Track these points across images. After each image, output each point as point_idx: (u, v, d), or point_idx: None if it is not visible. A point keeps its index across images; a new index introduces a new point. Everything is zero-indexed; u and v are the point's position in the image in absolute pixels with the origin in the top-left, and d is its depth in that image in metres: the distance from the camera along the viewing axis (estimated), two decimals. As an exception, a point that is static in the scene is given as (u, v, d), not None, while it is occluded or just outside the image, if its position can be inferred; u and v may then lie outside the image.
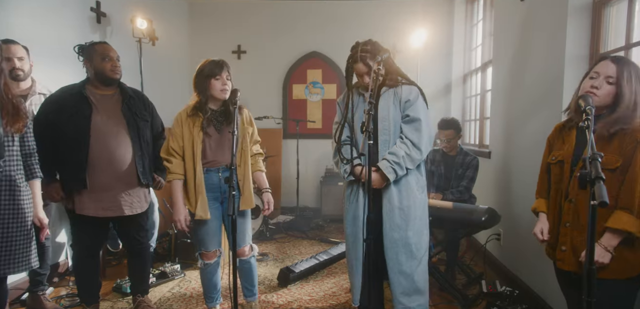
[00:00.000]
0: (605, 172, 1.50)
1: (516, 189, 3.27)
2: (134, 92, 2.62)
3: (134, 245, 2.67)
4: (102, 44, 2.45)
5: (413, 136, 2.20)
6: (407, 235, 2.22)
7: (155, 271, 3.40)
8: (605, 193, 1.03)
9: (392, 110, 2.25)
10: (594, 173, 1.09)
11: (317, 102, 5.91)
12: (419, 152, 2.20)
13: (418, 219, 2.27)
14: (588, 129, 1.29)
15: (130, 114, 2.49)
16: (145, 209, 2.62)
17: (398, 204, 2.23)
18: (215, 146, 2.40)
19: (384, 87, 2.30)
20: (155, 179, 2.69)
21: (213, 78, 2.34)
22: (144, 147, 2.53)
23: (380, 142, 2.27)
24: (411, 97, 2.23)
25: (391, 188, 2.23)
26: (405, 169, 2.18)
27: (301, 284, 3.39)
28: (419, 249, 2.27)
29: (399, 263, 2.24)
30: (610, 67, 1.56)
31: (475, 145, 4.63)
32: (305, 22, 5.80)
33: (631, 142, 1.52)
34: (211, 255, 2.51)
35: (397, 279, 2.24)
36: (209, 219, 2.41)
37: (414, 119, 2.21)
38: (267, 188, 2.60)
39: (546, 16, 2.79)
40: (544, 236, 1.76)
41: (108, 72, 2.42)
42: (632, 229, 1.49)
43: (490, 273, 3.60)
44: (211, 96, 2.37)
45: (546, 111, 2.75)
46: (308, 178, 5.86)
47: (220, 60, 2.39)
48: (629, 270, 1.56)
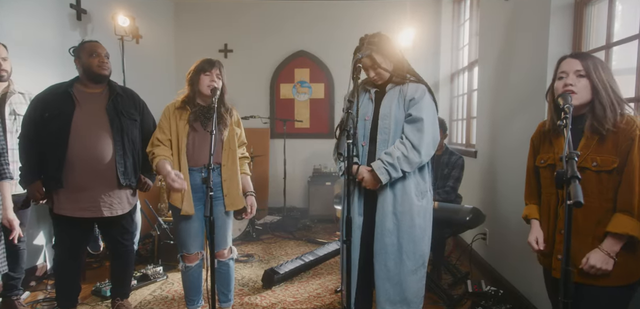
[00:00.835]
0: (602, 175, 1.47)
1: (501, 189, 3.27)
2: (123, 90, 2.56)
3: (117, 248, 2.61)
4: (90, 42, 2.45)
5: (413, 136, 2.04)
6: (398, 241, 2.09)
7: (136, 273, 3.32)
8: (580, 193, 1.00)
9: (395, 108, 2.11)
10: (570, 172, 1.06)
11: (304, 101, 5.87)
12: (418, 155, 2.03)
13: (416, 227, 2.11)
14: (566, 127, 1.27)
15: (114, 112, 2.43)
16: (128, 211, 2.55)
17: (392, 209, 2.10)
18: (199, 143, 2.35)
19: (389, 85, 2.18)
20: (141, 181, 2.62)
21: (203, 73, 2.33)
22: (127, 147, 2.46)
23: (379, 141, 2.13)
24: (416, 96, 2.09)
25: (386, 191, 2.10)
26: (400, 171, 2.03)
27: (286, 285, 3.35)
28: (414, 258, 2.12)
29: (386, 269, 2.11)
30: (574, 62, 1.52)
31: (462, 144, 4.63)
32: (292, 21, 5.75)
33: (626, 140, 1.46)
34: (193, 257, 2.46)
35: (382, 286, 2.12)
36: (192, 221, 2.36)
37: (416, 119, 2.06)
38: (251, 192, 2.55)
39: (530, 16, 2.79)
40: (539, 245, 1.66)
41: (95, 68, 2.37)
42: (635, 232, 1.41)
43: (476, 272, 3.59)
44: (199, 92, 2.34)
45: (530, 110, 2.74)
46: (295, 178, 5.81)
47: (214, 59, 2.39)
48: (628, 276, 1.50)
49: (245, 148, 2.63)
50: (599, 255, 1.46)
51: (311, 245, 4.45)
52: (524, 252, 2.84)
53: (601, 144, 1.50)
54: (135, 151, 2.52)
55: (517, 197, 2.94)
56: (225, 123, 2.41)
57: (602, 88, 1.49)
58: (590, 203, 1.49)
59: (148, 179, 2.65)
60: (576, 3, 2.47)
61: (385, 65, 2.13)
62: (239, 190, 2.47)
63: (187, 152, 2.34)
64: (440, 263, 3.48)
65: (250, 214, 2.51)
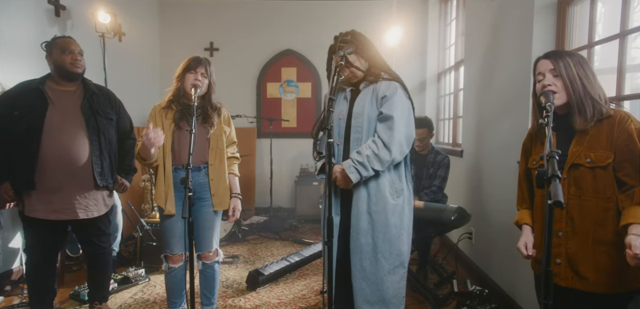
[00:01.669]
0: (597, 171, 1.43)
1: (487, 189, 3.27)
2: (98, 88, 2.49)
3: (94, 250, 2.54)
4: (63, 38, 2.37)
5: (384, 134, 2.03)
6: (374, 242, 2.07)
7: (117, 276, 3.25)
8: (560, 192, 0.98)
9: (368, 107, 2.10)
10: (551, 171, 1.04)
11: (291, 100, 5.82)
12: (388, 153, 2.02)
13: (391, 226, 2.09)
14: (547, 125, 1.25)
15: (90, 111, 2.36)
16: (105, 212, 2.49)
17: (366, 208, 2.08)
18: (185, 142, 2.30)
19: (363, 83, 2.16)
20: (118, 181, 2.55)
21: (188, 71, 2.29)
22: (104, 147, 2.40)
23: (352, 140, 2.12)
24: (388, 93, 2.07)
25: (361, 190, 2.08)
26: (371, 170, 2.02)
27: (270, 287, 3.30)
28: (390, 257, 2.10)
29: (362, 268, 2.09)
30: (546, 62, 1.51)
31: (449, 144, 4.64)
32: (279, 20, 5.71)
33: (622, 133, 1.42)
34: (176, 258, 2.40)
35: (359, 286, 2.10)
36: (175, 221, 2.32)
37: (387, 117, 2.04)
38: (237, 194, 2.50)
39: (514, 15, 2.79)
40: (528, 251, 1.60)
41: (67, 65, 2.30)
42: None
43: (462, 271, 3.59)
44: (185, 90, 2.30)
45: (515, 109, 2.74)
46: (282, 178, 5.77)
47: (201, 57, 2.36)
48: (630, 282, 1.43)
49: (236, 147, 2.58)
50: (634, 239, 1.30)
51: (297, 245, 4.41)
52: (509, 252, 2.84)
53: (595, 139, 1.46)
54: (112, 151, 2.45)
55: (502, 197, 2.95)
56: (211, 122, 2.36)
57: (572, 86, 1.47)
58: (586, 202, 1.46)
59: (125, 180, 2.58)
60: (559, 3, 2.48)
61: (358, 64, 2.12)
62: (227, 190, 2.43)
63: (173, 151, 2.30)
64: (426, 262, 3.47)
65: (234, 218, 2.46)
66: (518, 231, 1.73)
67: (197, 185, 2.34)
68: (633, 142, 1.39)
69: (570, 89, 1.48)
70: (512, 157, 2.73)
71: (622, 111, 1.48)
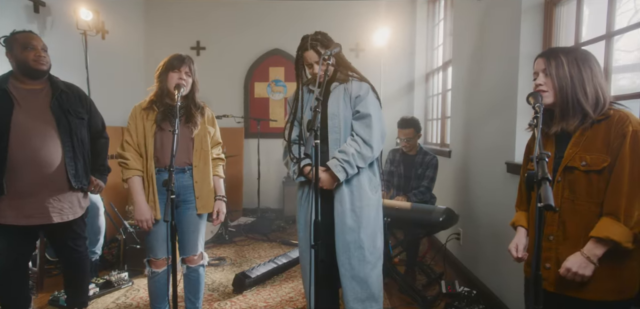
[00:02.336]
0: (591, 175, 1.37)
1: (475, 189, 3.27)
2: (67, 86, 2.38)
3: (70, 255, 2.43)
4: (23, 33, 2.23)
5: (364, 132, 2.08)
6: (359, 238, 2.11)
7: (99, 280, 3.16)
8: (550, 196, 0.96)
9: (343, 106, 2.14)
10: (541, 174, 1.02)
11: (279, 100, 5.77)
12: (370, 150, 2.08)
13: (372, 220, 2.15)
14: (536, 126, 1.23)
15: (60, 111, 2.26)
16: (80, 215, 2.40)
17: (350, 206, 2.12)
18: (168, 143, 2.23)
19: (334, 83, 2.19)
20: (93, 183, 2.47)
21: (171, 71, 2.22)
22: (77, 148, 2.31)
23: (331, 140, 2.14)
24: (361, 93, 2.13)
25: (343, 189, 2.11)
26: (356, 167, 2.06)
27: (257, 289, 3.25)
28: (373, 252, 2.15)
29: (351, 267, 2.11)
30: (541, 61, 1.50)
31: (437, 144, 4.64)
32: (267, 19, 5.65)
33: (617, 137, 1.35)
34: (160, 263, 2.33)
35: (349, 285, 2.11)
36: (159, 224, 2.25)
37: (364, 115, 2.10)
38: (221, 196, 2.44)
39: (501, 16, 2.79)
40: (518, 252, 1.56)
41: (30, 62, 2.18)
42: (619, 238, 1.29)
43: (450, 272, 3.59)
44: (167, 90, 2.23)
45: (503, 110, 2.74)
46: (270, 179, 5.71)
47: (184, 55, 2.28)
48: (623, 290, 1.38)
49: (220, 148, 2.52)
50: (577, 258, 1.35)
51: (285, 247, 4.36)
52: (496, 253, 2.84)
53: (591, 142, 1.40)
54: (85, 152, 2.37)
55: (490, 198, 2.95)
56: (195, 122, 2.30)
57: (560, 86, 1.43)
58: (579, 206, 1.41)
59: (100, 181, 2.50)
60: (546, 3, 2.48)
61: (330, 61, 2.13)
62: (211, 192, 2.37)
63: (155, 153, 2.23)
64: (414, 263, 3.46)
65: (218, 221, 2.40)
66: (506, 232, 1.72)
67: (181, 187, 2.29)
68: (625, 145, 1.33)
69: (557, 91, 1.45)
70: (500, 158, 2.73)
71: (622, 111, 1.40)
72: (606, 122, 1.39)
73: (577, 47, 1.53)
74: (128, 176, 2.21)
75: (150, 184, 2.23)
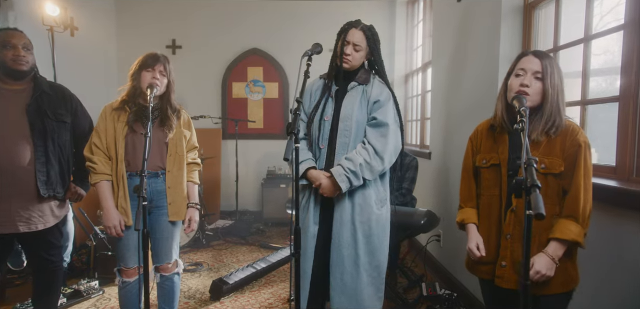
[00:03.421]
0: (549, 177, 1.46)
1: (455, 190, 3.26)
2: (52, 87, 2.24)
3: (43, 265, 2.28)
4: (5, 30, 2.10)
5: (377, 142, 1.91)
6: (357, 254, 1.96)
7: (67, 289, 3.00)
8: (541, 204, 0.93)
9: (357, 110, 1.97)
10: (530, 181, 0.99)
11: (258, 101, 5.67)
12: (380, 162, 1.92)
13: (375, 237, 2.00)
14: (523, 131, 1.20)
15: (36, 113, 2.11)
16: (53, 224, 2.25)
17: (350, 219, 1.96)
18: (140, 147, 2.12)
19: (352, 83, 2.04)
20: (72, 190, 2.32)
21: (145, 70, 2.10)
22: (52, 153, 2.16)
23: (338, 144, 1.98)
24: (382, 98, 1.97)
25: (345, 200, 1.96)
26: (361, 179, 1.90)
27: (235, 296, 3.16)
28: (371, 270, 2.00)
29: (342, 282, 1.98)
30: (535, 61, 1.49)
31: (417, 145, 4.65)
32: (245, 18, 5.54)
33: (572, 145, 1.45)
34: (131, 272, 2.21)
35: (338, 299, 1.99)
36: (130, 232, 2.13)
37: (381, 124, 1.93)
38: (195, 203, 2.32)
39: (481, 18, 2.79)
40: (481, 252, 1.58)
41: (8, 62, 2.05)
42: (580, 239, 1.41)
43: (430, 274, 3.59)
44: (141, 89, 2.12)
45: (483, 112, 2.74)
46: (249, 180, 5.60)
47: (159, 54, 2.17)
48: (569, 283, 1.48)
49: (196, 153, 2.41)
50: (544, 260, 1.43)
51: (264, 251, 4.27)
52: (476, 254, 2.84)
53: (550, 147, 1.48)
54: (64, 157, 2.22)
55: (469, 199, 2.95)
56: (170, 125, 2.19)
57: (551, 94, 1.47)
58: None
59: (80, 189, 2.35)
60: (525, 6, 2.49)
61: (363, 51, 2.03)
62: (184, 199, 2.26)
63: (126, 157, 2.11)
64: (395, 266, 3.43)
65: (189, 230, 2.29)
66: None
67: (154, 192, 2.18)
68: (580, 155, 1.44)
69: (549, 97, 1.47)
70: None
71: (573, 123, 1.51)
72: (562, 131, 1.49)
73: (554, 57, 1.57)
74: (95, 181, 2.09)
75: (120, 187, 2.11)
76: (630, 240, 1.63)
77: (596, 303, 1.79)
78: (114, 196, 2.12)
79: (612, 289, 1.72)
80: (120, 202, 2.11)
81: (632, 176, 1.73)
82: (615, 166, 1.81)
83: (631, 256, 1.63)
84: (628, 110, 1.74)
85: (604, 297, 1.76)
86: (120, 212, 2.10)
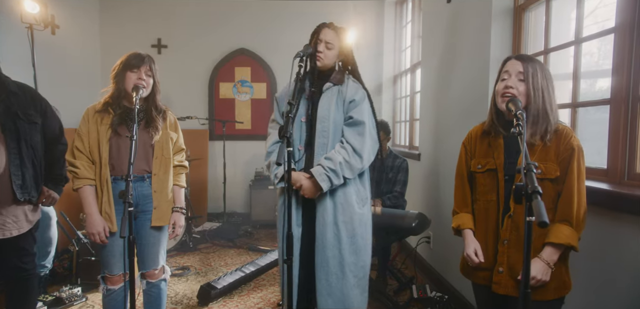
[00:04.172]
0: (545, 182, 1.45)
1: (445, 192, 3.26)
2: (20, 87, 2.14)
3: (15, 274, 2.18)
4: None
5: (355, 141, 1.94)
6: (341, 255, 1.96)
7: (48, 297, 2.90)
8: (544, 211, 0.91)
9: (334, 110, 1.99)
10: (531, 187, 0.97)
11: (245, 101, 5.59)
12: (359, 160, 1.94)
13: (358, 237, 2.00)
14: (520, 135, 1.19)
15: (7, 114, 2.02)
16: (27, 229, 2.16)
17: (333, 219, 1.96)
18: (125, 150, 2.04)
19: (327, 83, 2.05)
20: (44, 193, 2.23)
21: (129, 70, 2.02)
22: (25, 155, 2.07)
23: (317, 145, 1.99)
24: (357, 98, 2.00)
25: (326, 200, 1.96)
26: (342, 178, 1.91)
27: (224, 301, 3.09)
28: (356, 270, 2.01)
29: (328, 285, 1.97)
30: (517, 64, 1.50)
31: (406, 146, 4.64)
32: (233, 18, 5.46)
33: (566, 150, 1.45)
34: (116, 279, 2.14)
35: (325, 302, 1.98)
36: (115, 238, 2.06)
37: (358, 122, 1.96)
38: (180, 207, 2.26)
39: (471, 19, 2.79)
40: (479, 258, 1.55)
41: None
42: (575, 243, 1.40)
43: (421, 276, 3.58)
44: (125, 91, 2.04)
45: (473, 114, 2.74)
46: (236, 182, 5.53)
47: (144, 54, 2.09)
48: (562, 289, 1.48)
49: (183, 155, 2.35)
50: (540, 265, 1.42)
51: (253, 254, 4.21)
52: (467, 255, 2.83)
53: (545, 152, 1.47)
54: (37, 160, 2.14)
55: (460, 201, 2.94)
56: (156, 127, 2.11)
57: (534, 95, 1.46)
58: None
59: (53, 192, 2.26)
60: (515, 8, 2.49)
61: (335, 50, 2.05)
62: (170, 203, 2.20)
63: (111, 160, 2.04)
64: (385, 269, 3.41)
65: (174, 235, 2.22)
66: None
67: (140, 196, 2.11)
68: (574, 158, 1.43)
69: (532, 99, 1.47)
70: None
71: (566, 127, 1.50)
72: (555, 135, 1.48)
73: (541, 61, 1.55)
74: (78, 186, 2.01)
75: (104, 192, 2.04)
76: (622, 243, 1.64)
77: (587, 305, 1.79)
78: (97, 202, 2.04)
79: (603, 292, 1.72)
80: (105, 208, 2.03)
81: (623, 179, 1.74)
82: (606, 168, 1.82)
83: (623, 258, 1.63)
84: (619, 113, 1.75)
85: (594, 299, 1.76)
86: (104, 218, 2.03)
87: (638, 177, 1.69)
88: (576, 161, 1.44)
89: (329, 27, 2.06)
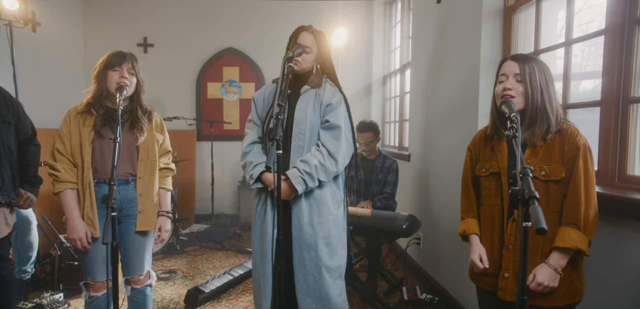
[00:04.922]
0: (550, 184, 1.41)
1: (435, 193, 3.25)
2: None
3: None
4: None
5: (331, 144, 1.95)
6: (318, 256, 1.97)
7: (28, 303, 2.80)
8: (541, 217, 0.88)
9: (311, 113, 1.99)
10: (528, 193, 0.94)
11: (234, 101, 5.52)
12: (334, 164, 1.96)
13: (333, 237, 2.02)
14: (514, 138, 1.16)
15: None
16: (6, 234, 2.08)
17: (308, 221, 1.97)
18: (108, 152, 1.97)
19: (305, 86, 2.04)
20: (22, 196, 2.16)
21: (111, 69, 1.95)
22: (4, 156, 2.00)
23: (293, 148, 1.99)
24: (333, 101, 2.00)
25: (301, 202, 1.97)
26: (317, 180, 1.93)
27: (212, 305, 3.03)
28: (332, 270, 2.02)
29: (306, 285, 1.98)
30: (514, 65, 1.47)
31: (395, 147, 4.63)
32: (221, 17, 5.39)
33: (571, 149, 1.40)
34: (99, 286, 2.06)
35: (304, 301, 1.98)
36: (98, 243, 1.98)
37: (334, 127, 1.97)
38: (166, 211, 2.19)
39: (461, 20, 2.78)
40: (484, 263, 1.52)
41: None
42: (582, 246, 1.35)
43: (411, 277, 3.57)
44: (108, 91, 1.97)
45: (463, 114, 2.73)
46: (225, 183, 5.46)
47: (126, 52, 2.02)
48: (573, 296, 1.42)
49: (169, 157, 2.28)
50: (547, 271, 1.37)
51: (241, 256, 4.15)
52: (457, 258, 2.83)
53: (549, 153, 1.43)
54: (13, 160, 2.06)
55: (450, 202, 2.93)
56: (141, 128, 2.05)
57: (532, 95, 1.43)
58: None
59: (30, 194, 2.19)
60: (505, 9, 2.49)
61: (313, 54, 2.03)
62: (155, 207, 2.13)
63: (93, 163, 1.96)
64: (375, 270, 3.39)
65: (159, 240, 2.16)
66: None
67: (124, 200, 2.04)
68: (579, 158, 1.39)
69: (530, 98, 1.44)
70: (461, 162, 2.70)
71: (571, 126, 1.46)
72: (560, 135, 1.44)
73: (539, 59, 1.53)
74: (59, 190, 1.94)
75: (87, 196, 1.96)
76: (613, 246, 1.63)
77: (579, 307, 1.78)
78: (79, 206, 1.97)
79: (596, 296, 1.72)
80: (87, 213, 1.96)
81: (614, 181, 1.74)
82: (597, 171, 1.82)
83: (614, 262, 1.63)
84: (610, 115, 1.74)
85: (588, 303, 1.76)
86: (86, 223, 1.95)
87: (629, 180, 1.69)
88: (582, 160, 1.38)
89: (307, 30, 2.06)
